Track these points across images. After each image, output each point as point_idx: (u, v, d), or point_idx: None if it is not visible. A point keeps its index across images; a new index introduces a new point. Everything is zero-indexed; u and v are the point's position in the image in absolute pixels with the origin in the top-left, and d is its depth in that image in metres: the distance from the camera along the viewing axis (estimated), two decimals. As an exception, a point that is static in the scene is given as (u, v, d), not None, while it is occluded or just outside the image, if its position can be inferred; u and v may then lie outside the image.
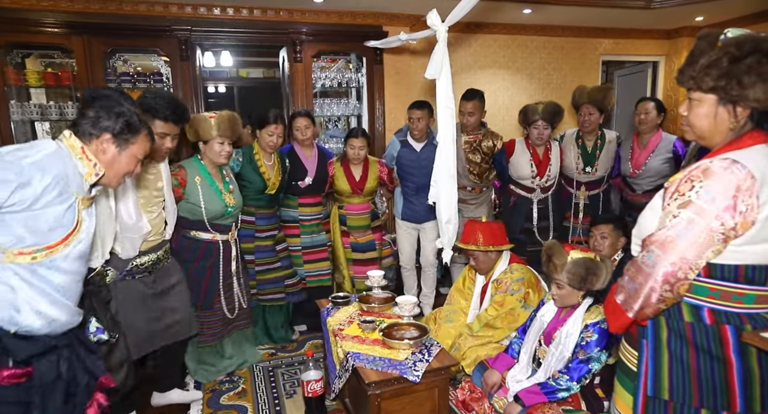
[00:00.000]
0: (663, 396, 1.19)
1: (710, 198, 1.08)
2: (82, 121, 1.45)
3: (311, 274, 3.39)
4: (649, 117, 3.31)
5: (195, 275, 2.64)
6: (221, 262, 2.73)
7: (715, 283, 1.15)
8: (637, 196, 3.44)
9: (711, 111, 1.19)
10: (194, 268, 2.65)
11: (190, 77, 3.87)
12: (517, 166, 3.48)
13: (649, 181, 3.36)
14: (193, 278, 2.62)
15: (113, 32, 3.67)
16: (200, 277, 2.67)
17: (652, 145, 3.34)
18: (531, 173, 3.45)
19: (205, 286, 2.70)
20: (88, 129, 1.45)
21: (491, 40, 4.91)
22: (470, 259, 2.67)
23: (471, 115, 3.41)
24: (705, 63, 1.16)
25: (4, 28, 3.45)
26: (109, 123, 1.47)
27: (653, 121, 3.32)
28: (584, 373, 1.89)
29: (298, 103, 4.11)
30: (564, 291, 1.98)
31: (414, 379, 1.87)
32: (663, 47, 5.49)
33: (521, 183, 3.51)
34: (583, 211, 3.54)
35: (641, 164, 3.36)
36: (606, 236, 2.54)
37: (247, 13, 4.04)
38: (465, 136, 3.50)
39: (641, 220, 1.28)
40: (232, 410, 2.53)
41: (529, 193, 3.52)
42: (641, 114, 3.34)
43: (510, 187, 3.58)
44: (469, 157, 3.50)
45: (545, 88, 5.16)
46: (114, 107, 1.48)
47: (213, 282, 2.72)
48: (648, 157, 3.33)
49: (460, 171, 3.26)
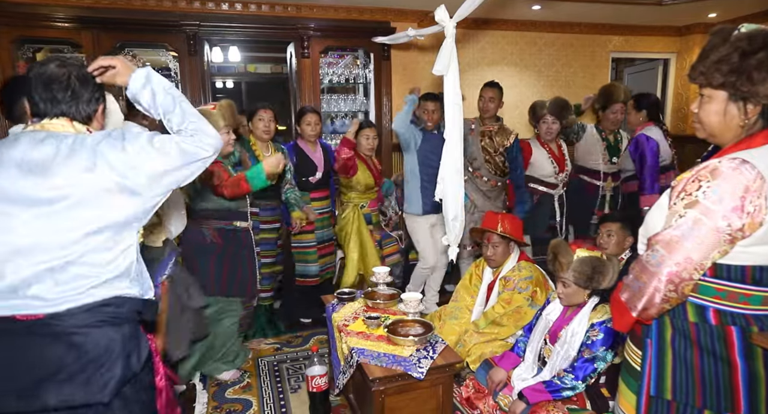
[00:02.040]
0: (666, 396, 1.18)
1: (717, 198, 1.07)
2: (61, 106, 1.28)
3: (326, 267, 3.46)
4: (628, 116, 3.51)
5: (241, 264, 2.65)
6: (251, 249, 2.76)
7: (722, 284, 1.14)
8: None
9: (721, 108, 1.17)
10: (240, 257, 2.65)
11: (198, 72, 3.88)
12: (538, 165, 3.57)
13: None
14: (239, 268, 2.63)
15: (122, 27, 3.69)
16: (244, 265, 2.68)
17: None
18: (553, 170, 3.56)
19: (251, 274, 2.72)
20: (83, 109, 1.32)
21: (499, 37, 4.88)
22: (485, 248, 2.65)
23: (491, 101, 3.43)
24: (715, 58, 1.14)
25: (16, 23, 3.48)
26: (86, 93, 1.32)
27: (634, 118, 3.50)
28: (589, 372, 1.88)
29: (305, 98, 4.12)
30: (570, 289, 1.97)
31: (418, 376, 1.87)
32: (674, 44, 5.43)
33: (544, 180, 3.60)
34: (609, 203, 3.68)
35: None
36: (612, 234, 2.52)
37: (255, 9, 4.04)
38: (481, 126, 3.53)
39: (648, 219, 1.27)
40: (237, 404, 2.55)
41: (552, 190, 3.61)
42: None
43: (531, 187, 3.62)
44: (483, 146, 3.52)
45: (554, 85, 5.12)
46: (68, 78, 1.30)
47: (254, 269, 2.76)
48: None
49: (478, 157, 3.43)
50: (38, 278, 1.17)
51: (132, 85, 1.34)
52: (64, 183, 1.19)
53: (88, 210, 1.21)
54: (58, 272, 1.18)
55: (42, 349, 1.17)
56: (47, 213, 1.18)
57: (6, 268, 1.16)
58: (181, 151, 1.31)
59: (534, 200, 3.61)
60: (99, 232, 1.22)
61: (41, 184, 1.18)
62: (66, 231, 1.19)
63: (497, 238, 2.59)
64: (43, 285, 1.17)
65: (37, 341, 1.17)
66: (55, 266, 1.18)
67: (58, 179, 1.18)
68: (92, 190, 1.21)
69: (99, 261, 1.23)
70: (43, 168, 1.18)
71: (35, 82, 1.26)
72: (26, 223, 1.17)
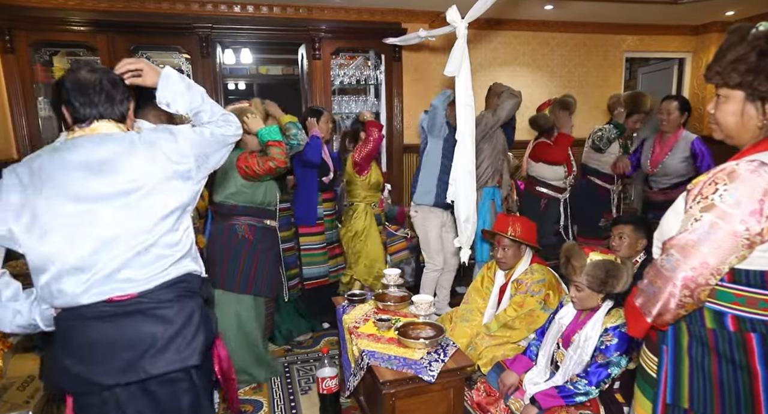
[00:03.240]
0: (683, 404, 1.16)
1: (735, 202, 1.04)
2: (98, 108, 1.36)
3: (338, 267, 3.48)
4: (671, 117, 3.28)
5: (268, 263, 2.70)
6: (278, 249, 2.84)
7: (741, 289, 1.11)
8: (653, 194, 3.46)
9: (738, 108, 1.14)
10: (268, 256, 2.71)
11: (210, 74, 3.92)
12: (550, 168, 3.57)
13: (665, 179, 3.36)
14: (266, 266, 2.68)
15: (136, 30, 3.74)
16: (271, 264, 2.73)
17: (670, 143, 3.32)
18: (564, 173, 3.57)
19: (276, 274, 2.78)
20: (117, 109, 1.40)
21: (512, 37, 4.85)
22: (496, 251, 2.63)
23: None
24: (732, 58, 1.12)
25: (33, 27, 3.55)
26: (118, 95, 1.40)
27: (675, 120, 3.29)
28: (603, 378, 1.85)
29: (316, 100, 4.13)
30: (583, 294, 1.95)
31: (429, 379, 1.86)
32: (690, 43, 5.35)
33: (553, 184, 3.60)
34: (616, 205, 3.71)
35: (658, 162, 3.35)
36: (624, 236, 2.48)
37: (266, 11, 4.07)
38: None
39: (663, 223, 1.25)
40: (248, 405, 2.56)
41: (559, 194, 3.62)
42: (663, 114, 3.32)
43: (539, 190, 3.60)
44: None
45: (566, 85, 5.07)
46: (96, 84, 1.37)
47: (279, 269, 2.83)
48: (666, 156, 3.32)
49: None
50: (127, 263, 1.31)
51: (161, 85, 1.44)
52: (133, 176, 1.32)
53: (157, 197, 1.36)
54: (143, 255, 1.33)
55: (136, 325, 1.32)
56: (124, 204, 1.32)
57: (99, 259, 1.29)
58: (216, 137, 1.48)
59: (542, 205, 3.62)
60: (168, 215, 1.37)
61: (113, 180, 1.31)
62: (143, 218, 1.33)
63: (508, 240, 2.56)
64: (131, 269, 1.32)
65: (131, 319, 1.32)
66: (140, 250, 1.33)
67: (128, 174, 1.32)
68: (157, 179, 1.36)
69: (171, 241, 1.39)
70: (111, 166, 1.31)
71: (72, 89, 1.36)
72: (108, 216, 1.30)
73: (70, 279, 1.28)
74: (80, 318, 1.31)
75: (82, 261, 1.27)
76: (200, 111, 1.48)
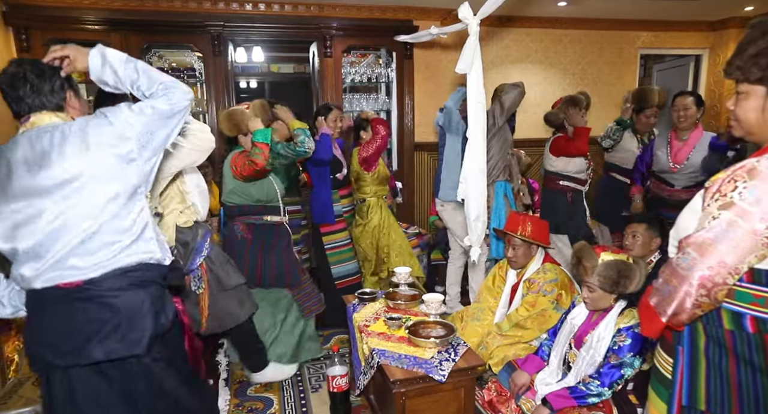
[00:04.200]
0: (699, 407, 1.13)
1: (755, 199, 1.02)
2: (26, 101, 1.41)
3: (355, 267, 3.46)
4: (688, 112, 3.22)
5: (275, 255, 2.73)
6: (288, 241, 2.84)
7: (760, 290, 1.08)
8: (676, 192, 3.36)
9: (759, 104, 1.12)
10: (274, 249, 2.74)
11: (222, 72, 3.93)
12: (573, 161, 3.55)
13: (689, 176, 3.28)
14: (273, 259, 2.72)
15: (149, 29, 3.76)
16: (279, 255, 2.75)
17: (693, 140, 3.25)
18: (586, 164, 3.60)
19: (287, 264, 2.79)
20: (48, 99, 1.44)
21: (524, 34, 4.80)
22: (506, 249, 2.61)
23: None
24: (753, 52, 1.09)
25: (48, 26, 3.58)
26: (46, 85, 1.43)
27: (693, 116, 3.24)
28: (616, 379, 1.82)
29: (327, 98, 4.13)
30: (595, 294, 1.92)
31: (440, 379, 1.85)
32: (707, 40, 5.24)
33: (576, 177, 3.59)
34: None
35: (683, 159, 3.27)
36: (638, 235, 2.44)
37: (278, 9, 4.07)
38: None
39: (679, 221, 1.22)
40: (259, 402, 2.57)
41: (582, 186, 3.63)
42: (680, 110, 3.24)
43: (563, 184, 3.58)
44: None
45: (579, 83, 5.01)
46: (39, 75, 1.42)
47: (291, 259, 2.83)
48: (690, 152, 3.24)
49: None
50: (73, 251, 1.35)
51: (92, 67, 1.43)
52: (68, 166, 1.33)
53: (97, 183, 1.36)
54: (88, 242, 1.36)
55: (85, 311, 1.37)
56: (65, 195, 1.34)
57: (48, 250, 1.34)
58: (159, 111, 1.42)
59: (568, 199, 3.59)
60: (112, 200, 1.37)
61: (51, 174, 1.33)
62: (85, 206, 1.35)
63: (518, 240, 2.54)
64: (78, 257, 1.36)
65: (80, 305, 1.37)
66: (84, 238, 1.35)
67: (63, 164, 1.33)
68: (95, 166, 1.35)
69: (119, 227, 1.40)
70: (47, 159, 1.33)
71: (4, 86, 1.40)
72: (53, 208, 1.33)
73: (27, 265, 1.36)
74: (38, 301, 1.40)
75: (34, 250, 1.35)
76: (137, 83, 1.44)
